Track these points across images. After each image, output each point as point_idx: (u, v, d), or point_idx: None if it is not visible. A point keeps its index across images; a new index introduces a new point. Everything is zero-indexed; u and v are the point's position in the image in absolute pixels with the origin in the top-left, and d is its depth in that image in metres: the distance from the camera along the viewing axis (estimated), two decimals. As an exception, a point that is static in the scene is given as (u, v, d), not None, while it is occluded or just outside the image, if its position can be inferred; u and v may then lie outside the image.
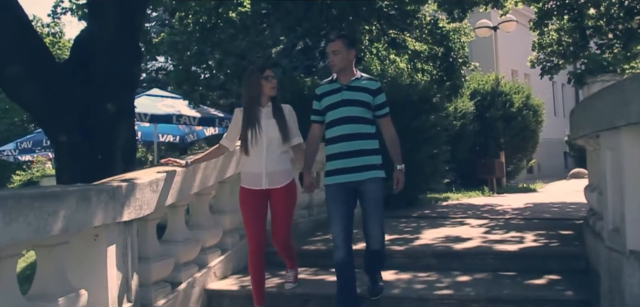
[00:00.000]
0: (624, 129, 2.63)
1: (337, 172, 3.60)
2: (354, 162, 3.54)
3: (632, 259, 2.62)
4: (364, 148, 3.56)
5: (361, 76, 3.71)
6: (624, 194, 2.68)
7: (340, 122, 3.58)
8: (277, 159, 3.83)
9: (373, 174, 3.57)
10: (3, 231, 2.17)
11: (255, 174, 3.82)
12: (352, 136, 3.56)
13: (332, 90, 3.66)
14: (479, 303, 3.62)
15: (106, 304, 3.09)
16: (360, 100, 3.57)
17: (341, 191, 3.58)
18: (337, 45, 3.61)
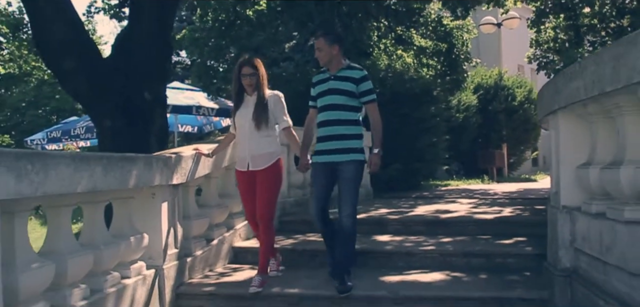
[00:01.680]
0: (559, 111, 3.45)
1: (320, 153, 4.01)
2: (334, 145, 3.91)
3: (564, 213, 3.44)
4: (345, 133, 3.92)
5: (348, 66, 4.01)
6: (559, 162, 3.50)
7: (326, 109, 3.96)
8: (260, 143, 4.12)
9: (351, 156, 3.91)
10: (103, 180, 3.06)
11: (242, 158, 4.24)
12: (335, 122, 3.92)
13: (323, 79, 4.04)
14: (456, 256, 4.47)
15: (160, 246, 3.98)
16: (344, 89, 3.91)
17: (322, 170, 3.99)
18: (320, 43, 3.96)
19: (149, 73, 6.88)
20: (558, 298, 3.43)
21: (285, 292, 4.00)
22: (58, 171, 2.66)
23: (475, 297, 3.73)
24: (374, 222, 5.65)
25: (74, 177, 2.80)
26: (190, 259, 4.42)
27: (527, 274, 4.10)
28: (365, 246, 4.83)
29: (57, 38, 6.10)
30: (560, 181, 3.50)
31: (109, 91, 6.61)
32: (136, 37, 6.96)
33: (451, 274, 4.22)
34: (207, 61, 14.06)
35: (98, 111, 6.78)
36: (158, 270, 3.93)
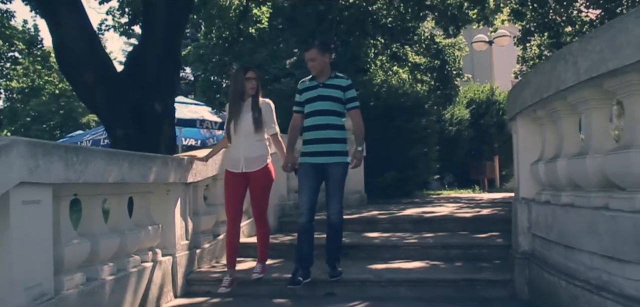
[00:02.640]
0: (517, 117, 4.03)
1: (309, 154, 4.23)
2: (324, 148, 4.16)
3: (523, 203, 4.00)
4: (333, 137, 4.19)
5: (336, 75, 4.30)
6: (519, 161, 4.07)
7: (316, 114, 4.20)
8: (254, 146, 4.33)
9: (338, 159, 4.19)
10: (129, 173, 3.64)
11: (235, 159, 4.38)
12: (324, 126, 4.17)
13: (311, 86, 4.27)
14: (436, 248, 5.02)
15: (174, 237, 4.53)
16: (332, 96, 4.18)
17: (311, 170, 4.22)
18: (313, 53, 4.20)
19: (160, 87, 7.48)
20: (517, 278, 3.98)
21: (284, 277, 4.52)
22: (95, 163, 3.24)
23: (449, 279, 4.28)
24: (365, 222, 6.21)
25: (107, 170, 3.38)
26: (199, 251, 4.97)
27: (497, 262, 4.64)
28: (357, 241, 5.38)
29: (77, 54, 6.72)
30: (519, 176, 4.07)
31: (123, 103, 7.20)
32: (148, 54, 7.58)
33: (431, 263, 4.77)
34: (211, 77, 14.73)
35: (112, 121, 7.37)
36: (172, 258, 4.48)
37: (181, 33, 8.33)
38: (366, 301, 4.11)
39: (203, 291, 4.59)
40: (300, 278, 4.18)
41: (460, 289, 4.17)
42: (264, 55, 14.18)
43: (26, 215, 2.64)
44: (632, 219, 2.44)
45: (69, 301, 3.03)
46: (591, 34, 2.82)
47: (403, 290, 4.23)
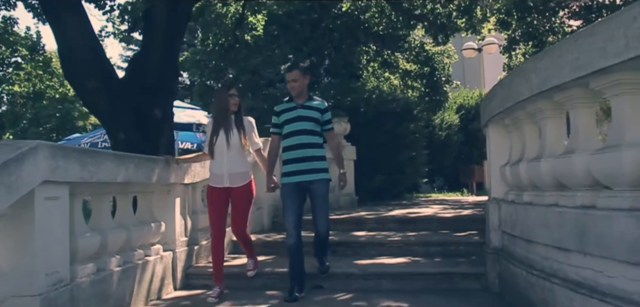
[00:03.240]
0: (489, 123, 4.42)
1: (291, 174, 4.32)
2: (305, 166, 4.28)
3: (494, 203, 4.39)
4: (314, 155, 4.31)
5: (312, 97, 4.49)
6: (490, 164, 4.46)
7: (296, 134, 4.31)
8: (237, 162, 4.41)
9: (320, 176, 4.32)
10: (135, 174, 4.00)
11: (219, 175, 4.43)
12: (304, 145, 4.30)
13: (289, 108, 4.40)
14: (418, 245, 5.41)
15: (174, 234, 4.89)
16: (311, 116, 4.33)
17: (294, 189, 4.30)
18: (295, 74, 4.37)
19: (159, 93, 7.83)
20: (489, 271, 4.36)
21: (276, 271, 4.90)
22: (106, 164, 3.61)
23: (428, 272, 4.66)
24: (353, 221, 6.59)
25: (116, 170, 3.74)
26: (197, 247, 5.33)
27: (473, 257, 5.03)
28: (344, 239, 5.76)
29: (81, 62, 7.07)
30: (491, 178, 4.46)
31: (124, 108, 7.55)
32: (148, 61, 7.93)
33: (412, 259, 5.15)
34: (207, 82, 15.09)
35: (114, 125, 7.71)
36: (172, 253, 4.84)
37: (179, 41, 8.68)
38: (351, 292, 4.48)
39: (200, 284, 4.94)
40: (296, 294, 4.27)
41: (437, 282, 4.56)
42: (258, 61, 14.56)
43: (47, 210, 3.00)
44: (574, 213, 2.83)
45: (81, 288, 3.39)
46: (540, 54, 3.22)
47: (385, 283, 4.61)
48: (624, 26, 2.25)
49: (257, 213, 7.01)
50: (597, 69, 2.48)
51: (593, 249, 2.64)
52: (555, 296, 2.96)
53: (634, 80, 2.42)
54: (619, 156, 2.46)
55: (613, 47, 2.32)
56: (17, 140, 2.98)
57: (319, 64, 16.90)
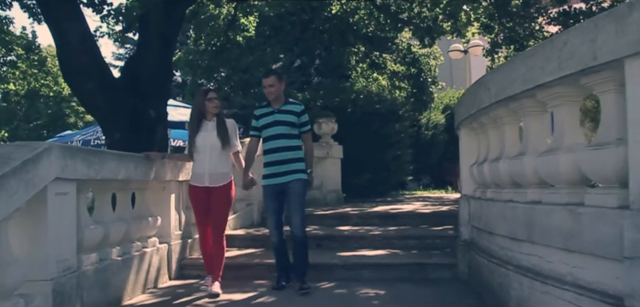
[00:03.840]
0: (460, 126, 4.82)
1: (270, 176, 4.55)
2: (282, 169, 4.50)
3: (464, 199, 4.79)
4: (290, 158, 4.51)
5: (289, 101, 4.66)
6: (462, 163, 4.87)
7: (273, 138, 4.53)
8: (217, 163, 4.54)
9: (295, 176, 4.51)
10: (134, 172, 4.36)
11: (200, 174, 4.58)
12: (281, 149, 4.51)
13: (267, 112, 4.60)
14: (397, 239, 5.81)
15: (169, 227, 5.24)
16: (287, 120, 4.53)
17: (273, 191, 4.54)
18: (272, 80, 4.55)
19: (153, 94, 8.17)
20: (459, 261, 4.77)
21: (264, 262, 5.28)
22: (109, 163, 3.96)
23: (405, 263, 5.06)
24: (338, 217, 6.98)
25: (118, 168, 4.10)
26: (190, 241, 5.69)
27: (447, 250, 5.43)
28: (329, 233, 6.15)
29: (80, 64, 7.39)
30: (461, 176, 4.86)
31: (120, 108, 7.87)
32: (143, 64, 8.26)
33: (391, 251, 5.56)
34: (199, 80, 15.41)
35: (110, 125, 8.04)
36: (167, 245, 5.20)
37: (173, 45, 9.02)
38: (333, 281, 4.87)
39: (193, 274, 5.30)
40: (283, 283, 4.64)
41: (413, 272, 4.95)
42: (250, 60, 14.91)
43: (58, 204, 3.35)
44: (525, 208, 3.23)
45: (87, 275, 3.74)
46: (497, 67, 3.61)
47: (365, 273, 5.00)
48: (558, 49, 2.65)
49: (247, 209, 7.38)
50: (539, 84, 2.88)
51: (538, 239, 3.05)
52: (510, 281, 3.36)
53: (568, 94, 2.82)
54: (557, 159, 2.86)
55: (549, 66, 2.72)
56: (32, 142, 3.30)
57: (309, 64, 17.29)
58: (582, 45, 2.50)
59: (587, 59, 2.47)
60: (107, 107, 7.81)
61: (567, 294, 2.68)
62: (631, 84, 2.25)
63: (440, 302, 4.09)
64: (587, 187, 2.74)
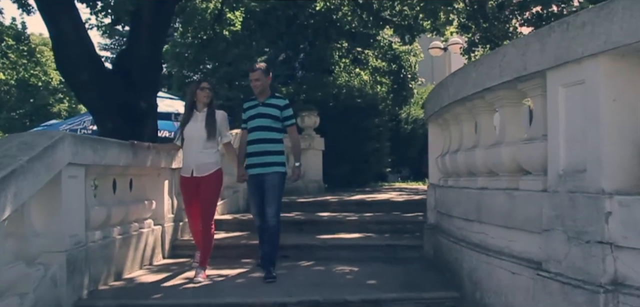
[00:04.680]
0: (428, 120, 5.37)
1: (251, 166, 4.76)
2: (260, 160, 4.68)
3: (431, 188, 5.34)
4: (269, 150, 4.69)
5: (274, 95, 4.85)
6: (429, 155, 5.42)
7: (256, 130, 4.70)
8: (205, 153, 4.69)
9: (273, 169, 4.67)
10: (133, 159, 4.82)
11: (188, 165, 4.76)
12: (262, 141, 4.68)
13: (253, 105, 4.79)
14: (371, 223, 6.36)
15: (162, 211, 5.71)
16: (270, 114, 4.69)
17: (254, 181, 4.76)
18: (258, 74, 4.73)
19: (144, 86, 8.58)
20: (426, 243, 5.33)
21: (250, 243, 5.77)
22: (111, 150, 4.42)
23: (378, 244, 5.62)
24: (319, 204, 7.51)
25: (119, 155, 4.56)
26: (181, 224, 6.17)
27: (417, 233, 5.98)
28: (310, 218, 6.68)
29: (75, 57, 7.78)
30: (430, 167, 5.42)
31: (112, 100, 8.27)
32: (134, 57, 8.67)
33: (366, 234, 6.11)
34: (186, 73, 15.77)
35: (103, 115, 8.44)
36: (161, 227, 5.67)
37: (163, 39, 9.43)
38: (313, 260, 5.39)
39: (185, 254, 5.77)
40: (274, 274, 4.62)
41: (385, 252, 5.50)
42: (236, 53, 15.30)
43: (70, 186, 3.81)
44: (475, 193, 3.79)
45: (93, 250, 4.21)
46: (455, 71, 4.16)
47: (342, 253, 5.53)
48: (499, 60, 3.20)
49: (234, 196, 7.87)
50: (486, 87, 3.43)
51: (485, 219, 3.60)
52: (463, 255, 3.92)
53: (509, 96, 3.37)
54: (500, 151, 3.42)
55: (493, 73, 3.27)
56: (48, 131, 3.76)
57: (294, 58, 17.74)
58: (516, 58, 3.04)
59: (520, 69, 3.01)
60: (99, 97, 8.21)
61: (504, 263, 3.24)
62: (550, 90, 2.80)
63: (407, 277, 4.63)
64: (523, 174, 3.30)
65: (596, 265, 2.43)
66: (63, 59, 7.96)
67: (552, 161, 2.78)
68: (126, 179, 5.09)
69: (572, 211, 2.59)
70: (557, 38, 2.72)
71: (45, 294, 3.40)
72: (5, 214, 2.81)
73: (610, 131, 2.45)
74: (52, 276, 3.52)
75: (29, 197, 3.15)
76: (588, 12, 2.54)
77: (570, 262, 2.59)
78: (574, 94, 2.62)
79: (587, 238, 2.49)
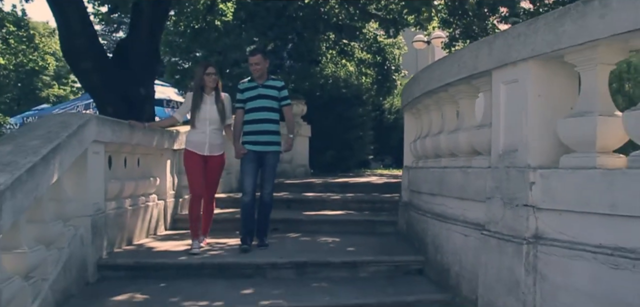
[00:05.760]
0: (404, 109, 6.06)
1: (252, 143, 5.06)
2: (263, 138, 5.04)
3: (405, 170, 6.04)
4: (270, 129, 5.07)
5: (271, 77, 5.21)
6: (405, 141, 6.12)
7: (257, 110, 5.04)
8: (216, 134, 5.09)
9: (273, 148, 5.10)
10: (143, 138, 5.44)
11: (200, 143, 5.07)
12: (263, 120, 5.03)
13: (251, 87, 5.11)
14: (353, 202, 7.07)
15: (165, 187, 6.34)
16: (270, 95, 5.06)
17: (253, 156, 5.07)
18: (258, 58, 5.07)
19: (143, 73, 9.17)
20: (400, 218, 6.04)
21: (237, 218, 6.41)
22: (125, 131, 5.04)
23: (357, 220, 6.32)
24: (305, 185, 8.20)
25: (132, 135, 5.18)
26: (181, 200, 6.81)
27: (393, 211, 6.70)
28: (297, 197, 7.35)
29: (79, 45, 8.33)
30: (404, 151, 6.13)
31: (113, 86, 8.85)
32: (133, 44, 9.24)
33: (347, 211, 6.81)
34: (178, 61, 16.29)
35: (104, 100, 9.01)
36: (164, 202, 6.30)
37: (161, 29, 10.00)
38: (300, 232, 6.07)
39: (184, 227, 6.33)
40: (248, 243, 5.09)
41: (364, 227, 6.21)
42: (226, 43, 15.83)
43: (94, 160, 4.43)
44: (439, 171, 4.49)
45: (110, 217, 4.84)
46: (425, 67, 4.85)
47: (325, 227, 6.22)
48: (457, 60, 3.89)
49: (227, 177, 8.50)
50: (448, 82, 4.12)
51: (445, 192, 4.31)
52: (428, 225, 4.63)
53: (467, 90, 4.07)
54: (457, 136, 4.12)
55: (453, 70, 3.96)
56: (75, 113, 4.36)
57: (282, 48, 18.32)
58: (470, 59, 3.74)
59: (472, 68, 3.71)
60: (101, 84, 8.78)
61: (459, 228, 3.95)
62: (494, 87, 3.49)
63: (382, 246, 5.33)
64: (475, 155, 4.00)
65: (522, 223, 3.15)
66: (68, 47, 8.50)
67: (495, 143, 3.49)
68: (135, 157, 5.71)
69: (507, 182, 3.30)
70: (500, 44, 3.41)
71: (75, 251, 4.03)
72: (53, 178, 3.44)
73: (535, 120, 3.15)
74: (81, 236, 4.15)
75: (67, 168, 3.77)
76: (522, 25, 3.25)
77: (505, 222, 3.30)
78: (511, 90, 3.32)
79: (517, 202, 3.20)
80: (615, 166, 2.74)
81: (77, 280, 4.05)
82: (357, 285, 4.31)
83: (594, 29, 2.61)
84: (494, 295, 3.34)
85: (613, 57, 2.80)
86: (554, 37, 2.91)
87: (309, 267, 4.56)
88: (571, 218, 2.87)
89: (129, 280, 4.38)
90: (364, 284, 4.35)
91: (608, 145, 2.81)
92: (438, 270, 4.33)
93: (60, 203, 3.86)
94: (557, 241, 2.95)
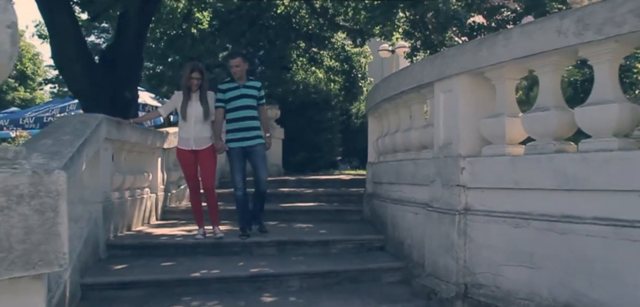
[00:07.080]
0: (368, 113, 7.01)
1: (237, 140, 5.48)
2: (248, 134, 5.49)
3: (369, 165, 6.98)
4: (253, 125, 5.54)
5: (250, 78, 5.68)
6: (369, 140, 7.07)
7: (240, 109, 5.47)
8: (201, 129, 5.47)
9: (259, 141, 5.57)
10: (140, 137, 6.21)
11: (186, 139, 5.50)
12: (247, 118, 5.49)
13: (233, 87, 5.50)
14: (324, 195, 7.98)
15: (157, 182, 7.10)
16: (251, 94, 5.52)
17: (240, 152, 5.51)
18: (238, 61, 5.49)
19: (128, 77, 9.85)
20: (365, 207, 6.98)
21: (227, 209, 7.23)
22: (127, 130, 5.81)
23: (328, 209, 7.24)
24: (280, 182, 9.07)
25: (132, 134, 5.95)
26: (170, 194, 7.58)
27: (360, 202, 7.64)
28: (273, 192, 8.17)
29: (70, 51, 8.97)
30: (368, 149, 7.08)
31: (100, 90, 9.49)
32: (120, 51, 9.91)
33: (319, 203, 7.71)
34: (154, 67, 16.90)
35: (91, 103, 9.61)
36: (155, 195, 7.06)
37: (144, 37, 10.69)
38: (278, 221, 6.93)
39: (173, 217, 7.22)
40: (248, 232, 5.62)
41: (333, 215, 7.12)
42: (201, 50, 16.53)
43: (104, 156, 5.19)
44: (396, 164, 5.45)
45: (114, 205, 5.60)
46: (387, 76, 5.80)
47: (300, 216, 7.10)
48: (409, 72, 4.85)
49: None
50: (402, 90, 5.08)
51: (401, 181, 5.26)
52: (387, 209, 5.58)
53: (417, 98, 5.03)
54: (410, 134, 5.08)
55: (406, 81, 4.92)
56: (91, 114, 5.13)
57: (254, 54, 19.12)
58: (419, 72, 4.70)
59: (420, 80, 4.67)
60: (89, 88, 9.42)
61: (410, 208, 4.90)
62: (436, 95, 4.46)
63: (349, 229, 6.25)
64: (423, 149, 4.96)
65: (455, 199, 4.11)
66: (59, 52, 9.12)
67: (436, 139, 4.45)
68: (133, 154, 6.46)
69: (445, 169, 4.26)
70: (439, 62, 4.38)
71: (92, 230, 4.79)
72: (83, 167, 4.21)
73: (464, 120, 4.12)
74: (95, 219, 4.91)
75: (89, 159, 4.54)
76: (454, 48, 4.23)
77: (443, 200, 4.26)
78: (447, 97, 4.29)
79: (451, 183, 4.16)
80: (518, 153, 3.73)
81: (92, 255, 4.82)
82: (329, 258, 5.22)
83: (500, 54, 3.60)
84: (436, 256, 4.29)
85: (516, 74, 3.80)
86: (476, 58, 3.89)
87: (288, 245, 5.44)
88: (489, 193, 3.85)
89: (135, 257, 5.16)
90: (335, 257, 5.26)
91: (514, 138, 3.80)
92: (395, 244, 5.28)
93: (81, 189, 4.62)
94: (480, 211, 3.92)
